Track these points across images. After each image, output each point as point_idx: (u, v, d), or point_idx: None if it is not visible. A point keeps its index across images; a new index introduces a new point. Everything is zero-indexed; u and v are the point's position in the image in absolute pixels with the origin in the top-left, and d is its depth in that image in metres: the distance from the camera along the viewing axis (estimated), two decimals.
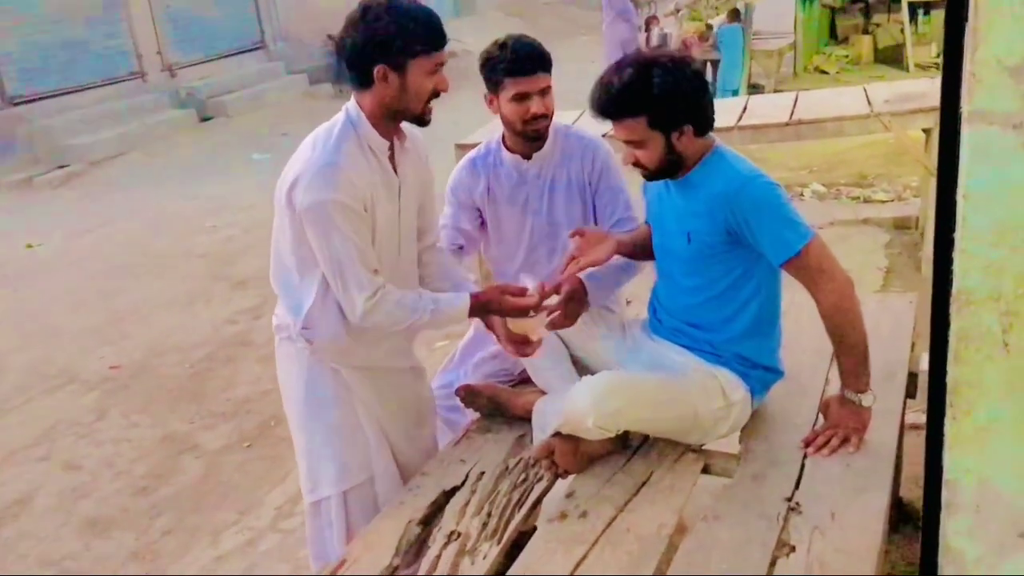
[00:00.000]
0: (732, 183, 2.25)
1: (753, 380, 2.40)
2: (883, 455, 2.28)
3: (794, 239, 2.21)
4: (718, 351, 2.38)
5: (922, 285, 4.29)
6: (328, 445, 2.42)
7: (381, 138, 2.25)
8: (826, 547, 1.96)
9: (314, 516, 2.50)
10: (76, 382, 4.98)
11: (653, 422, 2.34)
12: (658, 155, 2.28)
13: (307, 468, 2.47)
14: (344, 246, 2.17)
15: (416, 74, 2.17)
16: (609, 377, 2.31)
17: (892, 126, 5.12)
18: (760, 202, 2.22)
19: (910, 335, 2.87)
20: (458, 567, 2.03)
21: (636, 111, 2.22)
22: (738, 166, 2.30)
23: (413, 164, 2.39)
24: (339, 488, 2.42)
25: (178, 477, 3.95)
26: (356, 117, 2.23)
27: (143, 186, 9.26)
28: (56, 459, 4.19)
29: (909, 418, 2.81)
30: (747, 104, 5.93)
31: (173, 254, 7.04)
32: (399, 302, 2.26)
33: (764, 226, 2.21)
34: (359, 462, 2.43)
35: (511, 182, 2.73)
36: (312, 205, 2.15)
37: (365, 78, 2.18)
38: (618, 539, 2.07)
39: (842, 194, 6.83)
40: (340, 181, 2.15)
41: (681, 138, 2.25)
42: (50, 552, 3.49)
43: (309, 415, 2.43)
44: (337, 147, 2.20)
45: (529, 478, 2.34)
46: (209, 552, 3.40)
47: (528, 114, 2.57)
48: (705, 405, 2.32)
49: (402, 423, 2.54)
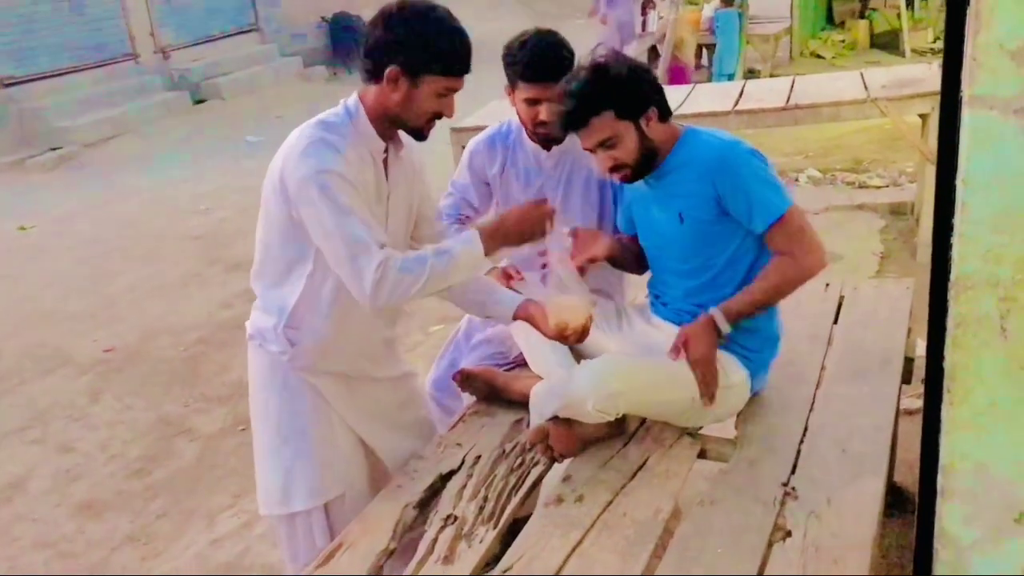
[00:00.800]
0: (714, 151, 2.28)
1: (755, 361, 2.39)
2: (879, 440, 2.29)
3: (780, 202, 2.25)
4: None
5: (917, 271, 4.29)
6: (304, 458, 2.30)
7: (378, 138, 2.17)
8: (822, 532, 1.97)
9: (287, 529, 2.36)
10: (70, 365, 4.96)
11: (652, 405, 2.34)
12: (634, 146, 2.29)
13: (281, 480, 2.31)
14: (346, 216, 2.02)
15: (426, 90, 2.09)
16: (609, 360, 2.31)
17: (889, 111, 5.11)
18: (743, 167, 2.26)
19: (906, 321, 2.88)
20: (455, 550, 2.03)
21: (602, 106, 2.24)
22: (716, 136, 2.34)
23: (406, 175, 2.30)
24: (315, 502, 2.31)
25: (172, 460, 3.94)
26: (355, 110, 2.16)
27: (136, 168, 9.21)
28: (50, 442, 4.18)
29: (904, 404, 2.82)
30: (743, 88, 5.91)
31: (167, 237, 7.01)
32: (406, 260, 2.08)
33: (749, 190, 2.25)
34: (335, 475, 2.32)
35: (527, 167, 2.72)
36: (306, 177, 2.03)
37: (377, 72, 2.09)
38: (614, 523, 2.07)
39: (838, 180, 6.83)
40: (331, 151, 2.06)
41: (649, 124, 2.29)
42: (44, 534, 3.49)
43: (284, 427, 2.30)
44: (330, 128, 2.12)
45: (526, 462, 2.34)
46: (204, 535, 3.40)
47: (537, 119, 2.55)
48: None
49: (384, 433, 2.43)
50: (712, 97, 5.82)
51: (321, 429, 2.31)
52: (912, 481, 2.57)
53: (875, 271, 5.08)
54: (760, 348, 2.41)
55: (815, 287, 3.16)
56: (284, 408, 2.30)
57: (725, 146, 2.29)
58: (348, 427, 2.36)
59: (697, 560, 1.92)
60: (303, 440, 2.29)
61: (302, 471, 2.30)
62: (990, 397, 1.79)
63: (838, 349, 2.75)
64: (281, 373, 2.28)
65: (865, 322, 2.89)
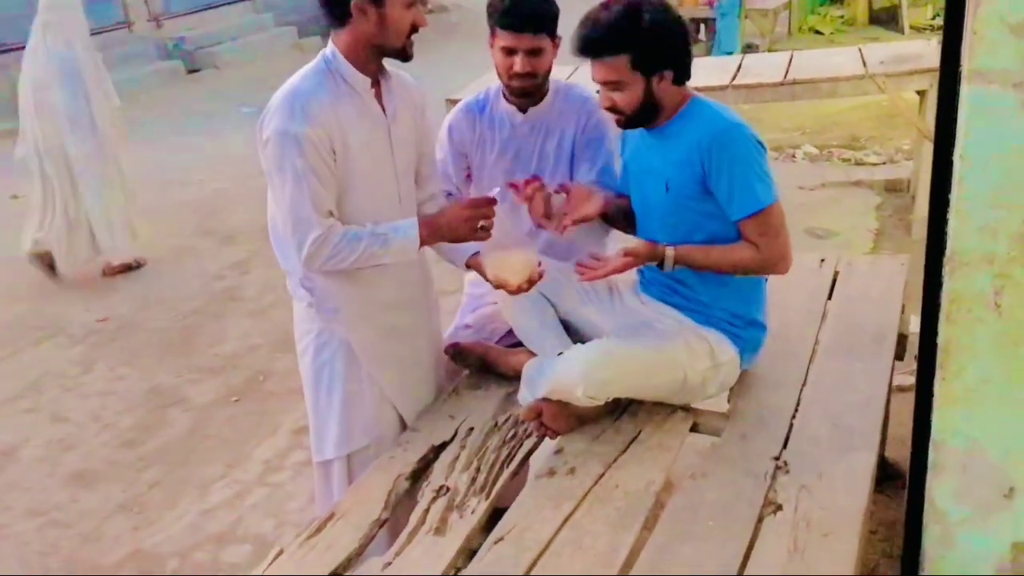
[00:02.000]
0: (716, 126, 2.23)
1: (744, 339, 2.39)
2: (871, 415, 2.30)
3: (764, 196, 2.21)
4: (709, 309, 2.36)
5: (912, 248, 4.29)
6: (333, 409, 2.41)
7: (361, 74, 2.22)
8: (812, 505, 1.98)
9: (322, 475, 2.51)
10: (62, 335, 4.95)
11: (643, 389, 2.34)
12: (636, 99, 2.24)
13: (314, 428, 2.48)
14: (298, 183, 2.13)
15: (394, 7, 2.14)
16: (598, 348, 2.29)
17: (887, 87, 5.09)
18: (738, 150, 2.21)
19: (900, 297, 2.88)
20: (447, 521, 2.04)
21: (620, 49, 2.19)
22: (723, 113, 2.29)
23: (405, 105, 2.35)
24: (341, 452, 2.43)
25: (165, 430, 3.94)
26: (332, 57, 2.22)
27: (130, 139, 9.08)
28: (43, 411, 4.18)
29: (897, 380, 2.82)
30: (741, 63, 5.88)
31: (160, 207, 6.96)
32: (345, 236, 2.20)
33: (736, 175, 2.20)
34: (362, 427, 2.42)
35: (503, 133, 2.68)
36: (271, 136, 2.14)
37: (342, 13, 2.15)
38: (606, 495, 2.08)
39: (834, 156, 6.80)
40: (303, 112, 2.12)
41: (661, 83, 2.23)
42: (37, 503, 3.49)
43: (316, 377, 2.42)
44: (303, 79, 2.20)
45: (518, 435, 2.34)
46: (197, 505, 3.40)
47: (511, 70, 2.52)
48: (693, 368, 2.31)
49: (408, 390, 2.50)
50: (710, 71, 5.78)
51: (350, 382, 2.40)
52: (903, 456, 2.58)
53: (870, 248, 5.08)
54: (747, 328, 2.40)
55: (810, 262, 3.16)
56: (316, 360, 2.41)
57: (726, 126, 2.23)
58: (376, 383, 2.42)
59: (688, 532, 1.93)
60: (333, 392, 2.40)
61: (331, 420, 2.41)
62: (983, 373, 1.80)
63: (832, 325, 2.75)
64: (316, 327, 2.38)
65: (859, 298, 2.89)
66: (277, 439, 3.78)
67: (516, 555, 1.91)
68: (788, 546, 1.86)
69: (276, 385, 4.21)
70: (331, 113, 2.16)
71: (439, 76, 4.92)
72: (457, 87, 5.36)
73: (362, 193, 2.27)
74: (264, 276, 5.34)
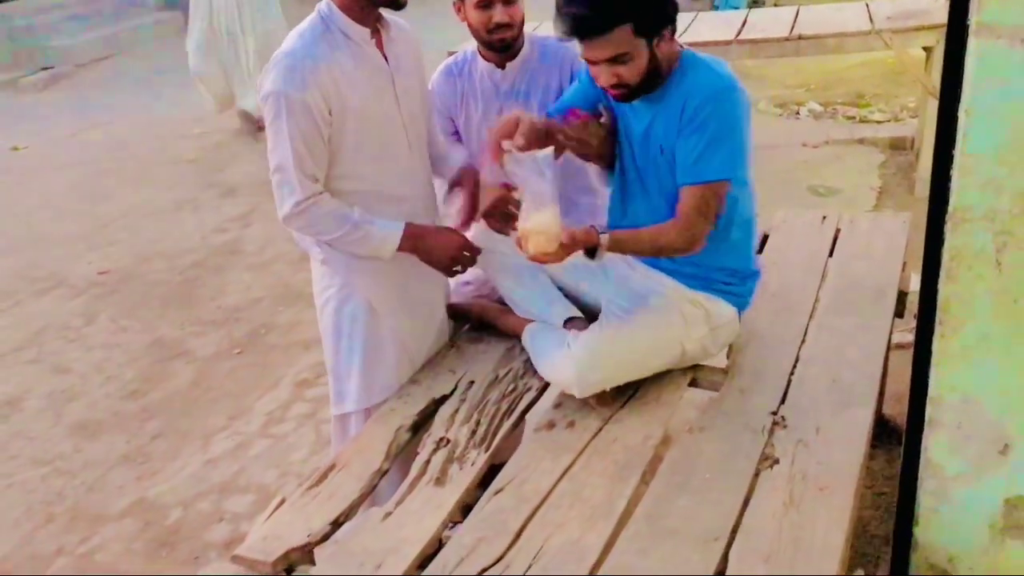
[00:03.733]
0: (713, 86, 2.12)
1: (741, 295, 2.37)
2: (869, 372, 2.31)
3: (724, 167, 2.11)
4: (703, 269, 2.29)
5: (915, 206, 4.27)
6: (354, 363, 2.42)
7: (359, 25, 2.21)
8: (809, 460, 1.99)
9: (339, 428, 2.52)
10: (64, 286, 4.96)
11: (641, 373, 2.31)
12: (643, 67, 2.11)
13: (334, 382, 2.49)
14: (286, 144, 2.15)
15: None
16: (590, 348, 2.24)
17: (893, 43, 5.03)
18: (728, 116, 2.11)
19: (902, 255, 2.88)
20: (447, 472, 2.06)
21: (621, 19, 2.04)
22: (715, 71, 2.15)
23: (407, 53, 2.34)
24: (361, 406, 2.44)
25: (168, 382, 3.97)
26: (327, 9, 2.21)
27: (130, 90, 9.06)
28: (45, 362, 4.20)
29: (896, 337, 2.83)
30: (747, 18, 5.81)
31: (160, 160, 6.94)
32: (331, 213, 2.23)
33: (713, 140, 2.09)
34: (382, 382, 2.42)
35: (485, 93, 2.65)
36: (265, 96, 2.15)
37: None
38: (605, 448, 2.10)
39: (838, 113, 6.75)
40: (298, 73, 2.12)
41: (661, 43, 2.11)
42: (41, 452, 3.53)
43: (337, 331, 2.42)
44: (300, 37, 2.19)
45: (518, 388, 2.36)
46: (199, 456, 3.44)
47: (491, 23, 2.48)
48: (689, 338, 2.30)
49: (428, 342, 2.53)
50: (714, 26, 5.71)
51: (371, 337, 2.41)
52: (900, 413, 2.60)
53: (872, 205, 5.06)
54: (742, 282, 2.36)
55: (812, 220, 3.15)
56: (339, 314, 2.41)
57: (723, 86, 2.12)
58: (397, 338, 2.43)
59: (685, 485, 1.95)
60: (354, 345, 2.41)
61: (352, 375, 2.43)
62: (982, 330, 1.81)
63: (832, 282, 2.75)
64: (338, 281, 2.39)
65: (860, 255, 2.89)
66: (279, 391, 3.80)
67: (516, 506, 1.93)
68: (784, 499, 1.88)
69: (278, 338, 4.23)
70: (326, 74, 2.14)
71: (436, 28, 4.87)
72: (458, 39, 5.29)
73: (371, 144, 2.27)
74: (265, 230, 5.34)
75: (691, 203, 2.13)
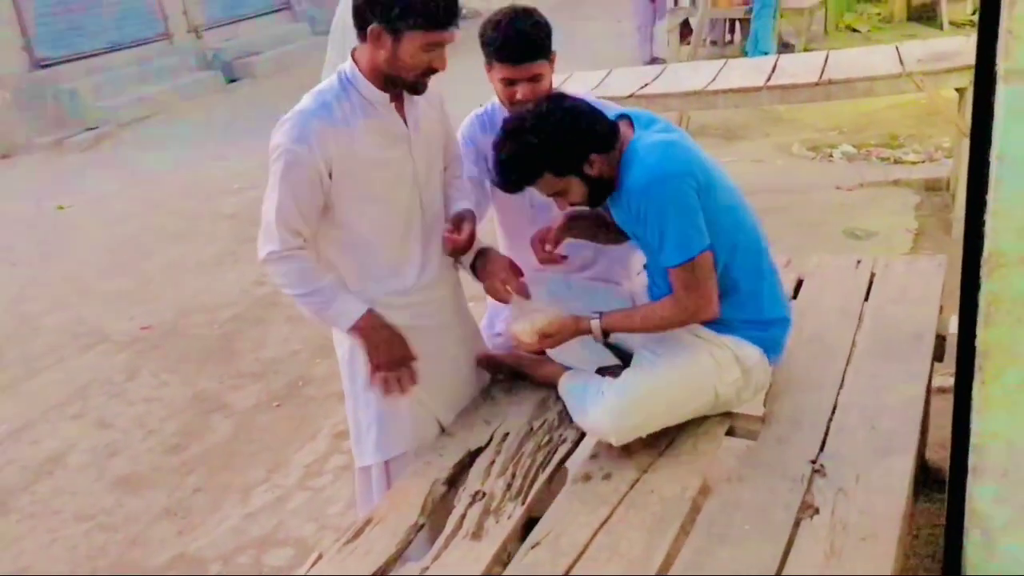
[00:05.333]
0: (639, 180, 2.15)
1: (765, 341, 2.35)
2: (909, 418, 2.28)
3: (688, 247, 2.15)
4: (724, 320, 2.29)
5: (952, 247, 4.23)
6: (370, 415, 2.44)
7: (378, 91, 2.22)
8: (850, 509, 1.96)
9: (363, 480, 2.55)
10: (107, 342, 5.05)
11: (676, 418, 2.31)
12: (583, 192, 2.24)
13: (354, 433, 2.51)
14: (276, 196, 2.19)
15: (409, 45, 2.11)
16: (623, 394, 2.26)
17: (924, 85, 5.02)
18: (665, 202, 2.14)
19: (938, 298, 2.85)
20: (483, 526, 2.05)
21: (536, 174, 2.19)
22: (648, 159, 2.17)
23: (426, 115, 2.36)
24: (379, 458, 2.45)
25: (208, 436, 4.01)
26: (351, 71, 2.23)
27: (171, 148, 9.28)
28: (89, 417, 4.27)
29: (936, 381, 2.79)
30: (776, 63, 5.83)
31: (201, 215, 7.08)
32: (301, 270, 2.25)
33: (664, 227, 2.15)
34: (399, 434, 2.43)
35: None
36: (271, 147, 2.20)
37: (363, 31, 2.15)
38: (642, 500, 2.08)
39: (872, 155, 6.72)
40: (305, 131, 2.15)
41: (594, 166, 2.20)
42: (84, 507, 3.57)
43: (354, 383, 2.45)
44: (317, 96, 2.23)
45: (553, 440, 2.35)
46: (239, 509, 3.46)
47: (514, 99, 2.48)
48: (723, 381, 2.29)
49: (448, 394, 2.52)
50: (744, 72, 5.74)
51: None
52: (945, 459, 2.55)
53: (909, 248, 5.01)
54: (765, 328, 2.35)
55: (846, 264, 3.13)
56: (354, 366, 2.43)
57: (648, 180, 2.14)
58: (414, 390, 2.42)
59: (724, 537, 1.93)
60: (369, 399, 2.42)
61: (370, 427, 2.44)
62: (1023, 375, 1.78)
63: (869, 326, 2.73)
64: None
65: (896, 299, 2.86)
66: (317, 443, 3.83)
67: (552, 560, 1.91)
68: (825, 550, 1.85)
69: (316, 390, 4.27)
70: (333, 136, 2.17)
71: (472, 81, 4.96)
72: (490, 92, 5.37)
73: (379, 203, 2.29)
74: None
75: (676, 283, 2.21)
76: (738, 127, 7.36)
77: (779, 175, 6.37)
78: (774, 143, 7.20)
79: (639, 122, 2.29)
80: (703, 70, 5.99)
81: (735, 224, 2.27)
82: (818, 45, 9.57)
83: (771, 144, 7.18)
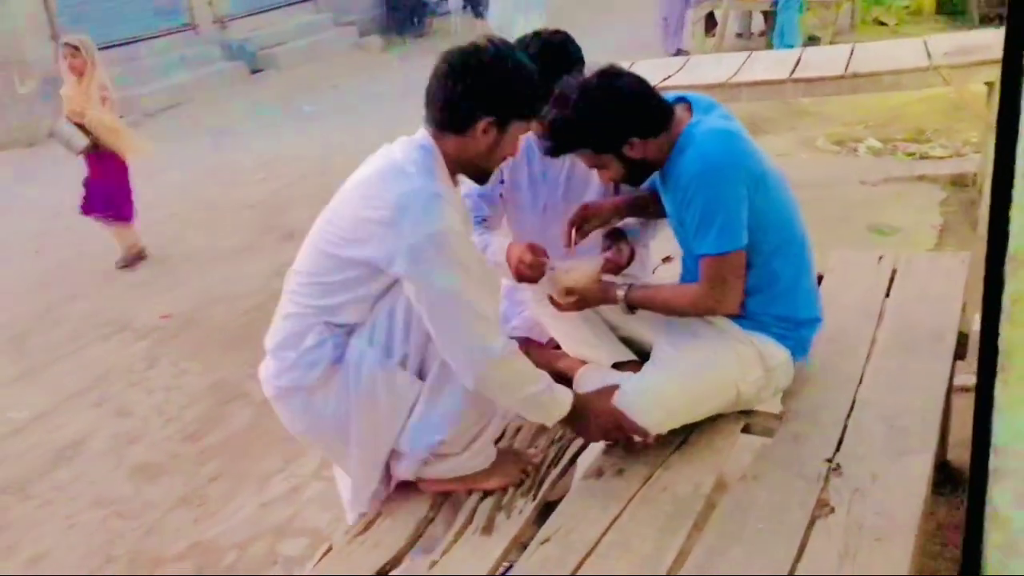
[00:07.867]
0: (696, 167, 2.15)
1: (793, 340, 2.33)
2: (928, 417, 2.24)
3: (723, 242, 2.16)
4: (755, 315, 2.29)
5: (977, 244, 4.16)
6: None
7: (451, 183, 2.10)
8: (866, 509, 1.93)
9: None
10: (128, 330, 5.08)
11: (696, 415, 2.29)
12: (620, 170, 2.27)
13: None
14: (469, 279, 1.94)
15: (512, 135, 2.07)
16: (642, 390, 2.23)
17: (952, 79, 4.94)
18: (715, 192, 2.14)
19: (961, 295, 2.80)
20: (493, 521, 2.04)
21: (575, 145, 2.22)
22: (709, 147, 2.16)
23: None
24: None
25: (226, 425, 4.02)
26: (435, 157, 2.06)
27: (195, 137, 9.34)
28: (109, 405, 4.30)
29: (959, 380, 2.74)
30: (801, 56, 5.77)
31: (223, 205, 7.11)
32: (524, 363, 2.06)
33: (705, 215, 2.15)
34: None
35: (530, 152, 2.65)
36: (430, 236, 1.90)
37: (460, 123, 2.02)
38: (654, 497, 2.06)
39: (898, 150, 6.64)
40: (450, 211, 1.96)
41: (633, 149, 2.20)
42: (102, 494, 3.59)
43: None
44: (433, 175, 2.02)
45: (565, 435, 2.33)
46: (255, 498, 3.47)
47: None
48: (744, 380, 2.27)
49: None
50: (768, 65, 5.69)
51: None
52: (966, 459, 2.50)
53: (934, 244, 4.94)
54: (796, 328, 2.33)
55: (868, 260, 3.09)
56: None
57: (705, 167, 2.14)
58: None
59: (737, 536, 1.90)
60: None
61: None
62: None
63: (889, 323, 2.68)
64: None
65: (918, 296, 2.82)
66: None
67: (562, 556, 1.90)
68: (839, 550, 1.82)
69: None
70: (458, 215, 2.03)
71: None
72: None
73: None
74: None
75: (705, 272, 2.22)
76: (763, 120, 7.29)
77: (803, 169, 6.30)
78: (799, 137, 7.12)
79: (698, 106, 2.28)
80: (726, 62, 5.94)
81: (783, 221, 2.28)
82: (845, 39, 9.46)
83: (796, 138, 7.11)
